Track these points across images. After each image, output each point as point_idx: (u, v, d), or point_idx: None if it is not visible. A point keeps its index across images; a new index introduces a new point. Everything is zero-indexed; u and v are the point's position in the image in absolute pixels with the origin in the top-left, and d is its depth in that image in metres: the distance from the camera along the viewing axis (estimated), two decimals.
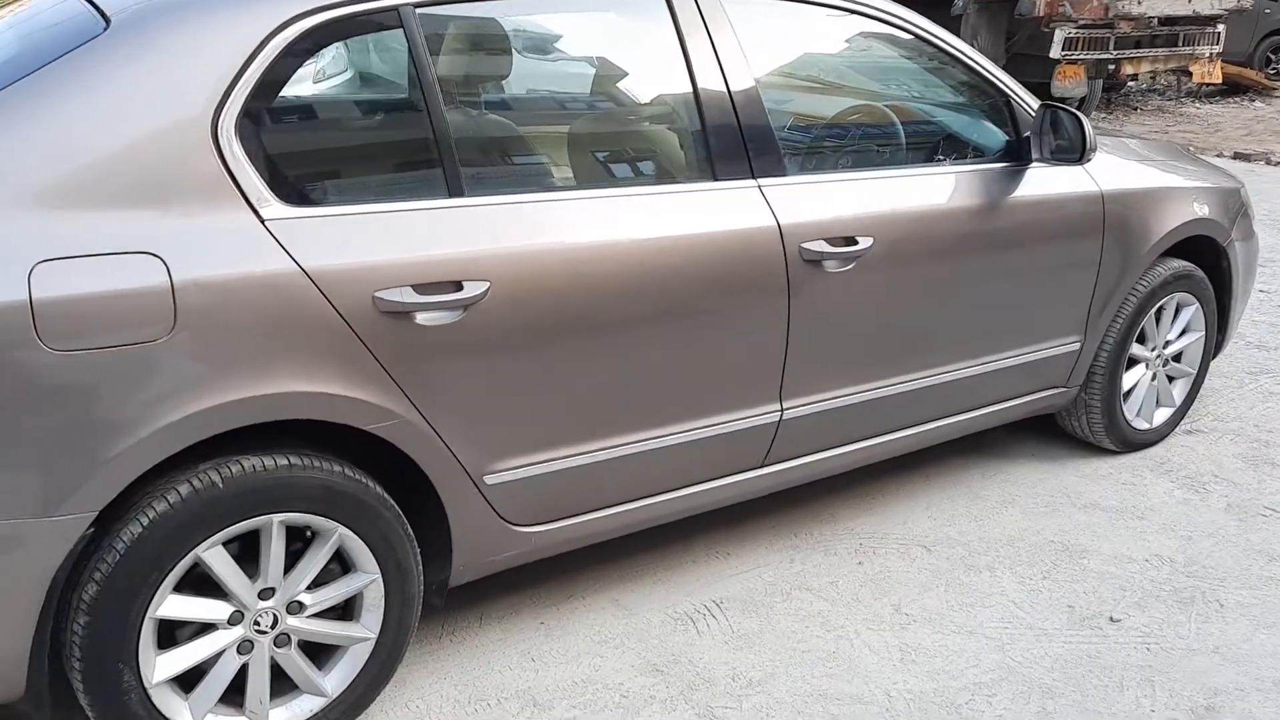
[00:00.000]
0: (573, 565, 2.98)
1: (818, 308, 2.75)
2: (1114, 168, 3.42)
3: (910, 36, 3.06)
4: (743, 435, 2.75)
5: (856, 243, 2.76)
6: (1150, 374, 3.74)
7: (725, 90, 2.62)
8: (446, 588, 2.50)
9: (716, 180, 2.62)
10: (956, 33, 8.83)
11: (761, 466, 2.86)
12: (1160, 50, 9.08)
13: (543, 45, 2.70)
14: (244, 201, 2.04)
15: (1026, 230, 3.15)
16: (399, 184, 2.28)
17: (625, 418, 2.54)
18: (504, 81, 2.66)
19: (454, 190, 2.27)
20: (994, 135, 3.22)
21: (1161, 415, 3.82)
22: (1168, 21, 8.94)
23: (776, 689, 2.56)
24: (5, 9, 2.27)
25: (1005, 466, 3.67)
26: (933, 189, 2.99)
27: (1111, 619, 2.85)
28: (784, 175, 2.70)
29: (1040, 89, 8.80)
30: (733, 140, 2.63)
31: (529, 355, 2.35)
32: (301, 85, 2.27)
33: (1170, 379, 3.84)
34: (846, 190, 2.83)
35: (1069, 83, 8.58)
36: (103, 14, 2.07)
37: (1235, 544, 3.22)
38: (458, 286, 2.21)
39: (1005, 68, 8.97)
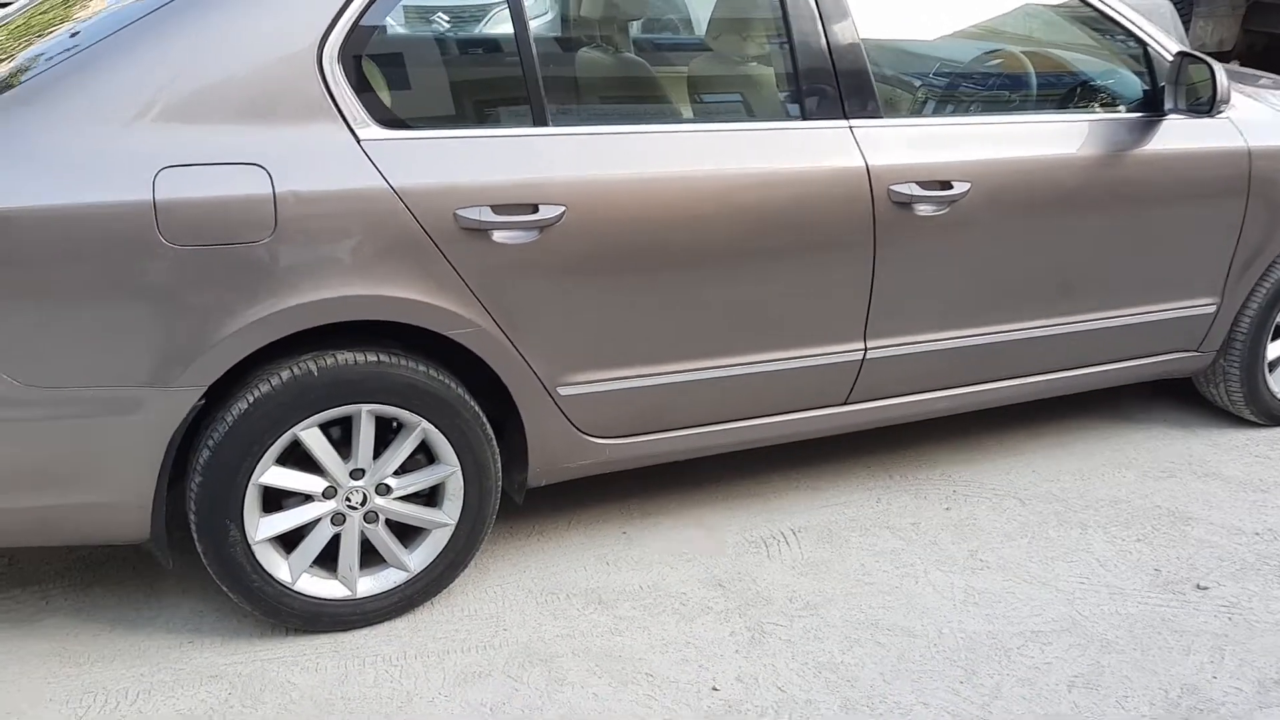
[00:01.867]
0: (662, 482, 3.15)
1: (906, 250, 2.78)
2: (1268, 123, 3.23)
3: None
4: (824, 371, 2.83)
5: (952, 187, 2.77)
6: None
7: (820, 31, 2.68)
8: (525, 488, 2.72)
9: (805, 120, 2.69)
10: None
11: (845, 404, 2.93)
12: None
13: None
14: (343, 122, 2.29)
15: (1154, 184, 3.04)
16: (486, 112, 2.48)
17: (700, 343, 2.67)
18: (593, 20, 2.81)
19: (538, 120, 2.45)
20: (1130, 85, 3.12)
21: None
22: None
23: (830, 614, 2.66)
24: None
25: (1131, 430, 3.56)
26: (1046, 137, 2.93)
27: (1199, 586, 2.78)
28: (878, 117, 2.74)
29: None
30: (825, 81, 2.69)
31: (604, 278, 2.52)
32: (399, 18, 2.49)
33: None
34: (945, 134, 2.83)
35: None
36: None
37: None
38: (534, 209, 2.40)
39: (1245, 17, 8.43)
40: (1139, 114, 3.06)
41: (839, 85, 2.70)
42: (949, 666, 2.48)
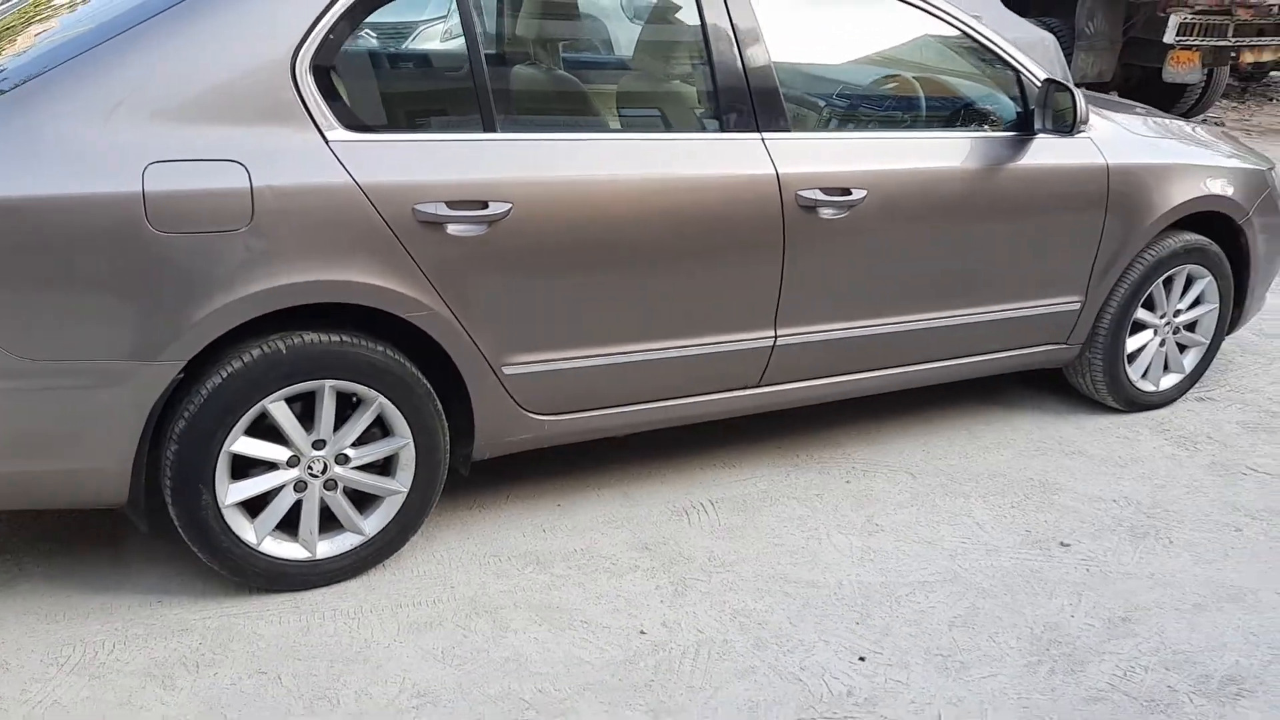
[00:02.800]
0: (592, 461, 3.45)
1: (812, 248, 3.13)
2: (1125, 143, 3.67)
3: (928, 15, 3.38)
4: (739, 355, 3.17)
5: (851, 193, 3.14)
6: (1159, 340, 3.98)
7: (736, 54, 3.02)
8: (471, 461, 3.00)
9: (723, 132, 3.03)
10: (1072, 15, 8.95)
11: (758, 386, 3.27)
12: None
13: (574, 10, 3.16)
14: (313, 125, 2.56)
15: (1025, 194, 3.45)
16: (442, 119, 2.77)
17: (630, 328, 2.98)
18: (537, 38, 3.12)
19: (488, 126, 2.75)
20: (1006, 107, 3.53)
21: (1169, 380, 4.05)
22: None
23: (744, 570, 2.99)
24: None
25: (1009, 415, 3.98)
26: (932, 151, 3.33)
27: (1062, 544, 3.18)
28: (787, 131, 3.09)
29: (1156, 74, 8.81)
30: (740, 98, 3.03)
31: (546, 268, 2.82)
32: (365, 34, 2.77)
33: (1182, 347, 4.06)
34: (845, 147, 3.21)
35: (1182, 69, 8.54)
36: None
37: (1205, 495, 3.48)
38: (484, 205, 2.69)
39: (1122, 52, 9.07)
40: (1013, 133, 3.47)
41: (753, 102, 3.04)
42: (847, 611, 2.83)
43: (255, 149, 2.49)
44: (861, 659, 2.65)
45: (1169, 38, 8.44)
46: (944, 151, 3.34)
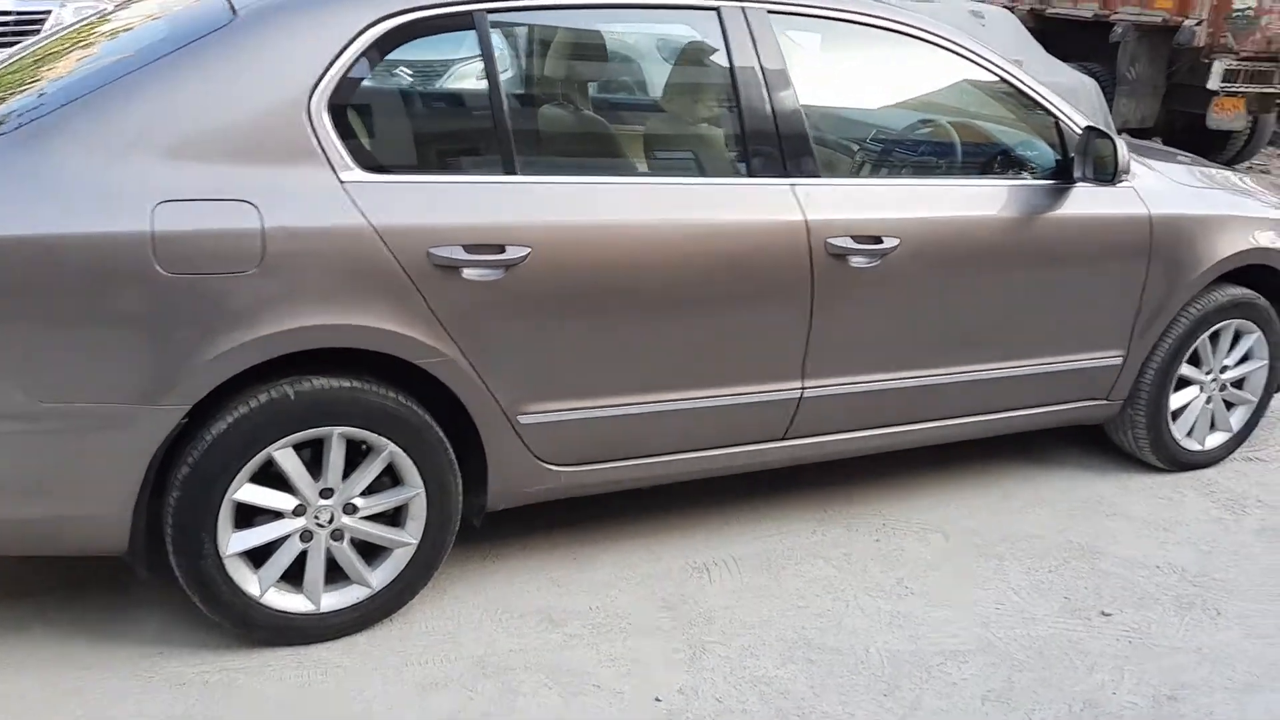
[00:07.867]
0: (613, 511, 3.33)
1: (842, 298, 3.02)
2: (1169, 193, 3.54)
3: (963, 59, 3.28)
4: (765, 407, 3.05)
5: (882, 242, 3.02)
6: (1204, 397, 3.82)
7: (765, 98, 2.93)
8: (484, 512, 2.89)
9: (751, 177, 2.93)
10: (1114, 61, 8.83)
11: (783, 439, 3.14)
12: None
13: (599, 51, 3.08)
14: (327, 165, 2.49)
15: (1063, 244, 3.32)
16: (460, 160, 2.69)
17: (651, 379, 2.88)
18: (560, 79, 3.05)
19: (508, 168, 2.67)
20: (1044, 154, 3.41)
21: (1216, 439, 3.89)
22: None
23: (767, 634, 2.85)
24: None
25: (1045, 473, 3.82)
26: (968, 199, 3.21)
27: (1103, 613, 3.02)
28: (816, 177, 2.99)
29: (1200, 120, 8.65)
30: (769, 143, 2.93)
31: (564, 315, 2.72)
32: (383, 73, 2.71)
33: (1230, 405, 3.90)
34: (877, 194, 3.10)
35: (1227, 115, 8.38)
36: (232, 7, 2.56)
37: (1255, 563, 3.31)
38: (501, 249, 2.60)
39: (1165, 97, 8.92)
40: (1051, 181, 3.35)
41: (781, 148, 2.95)
42: (874, 681, 2.68)
43: (267, 189, 2.42)
44: None
45: (1213, 84, 8.29)
46: (980, 199, 3.22)
